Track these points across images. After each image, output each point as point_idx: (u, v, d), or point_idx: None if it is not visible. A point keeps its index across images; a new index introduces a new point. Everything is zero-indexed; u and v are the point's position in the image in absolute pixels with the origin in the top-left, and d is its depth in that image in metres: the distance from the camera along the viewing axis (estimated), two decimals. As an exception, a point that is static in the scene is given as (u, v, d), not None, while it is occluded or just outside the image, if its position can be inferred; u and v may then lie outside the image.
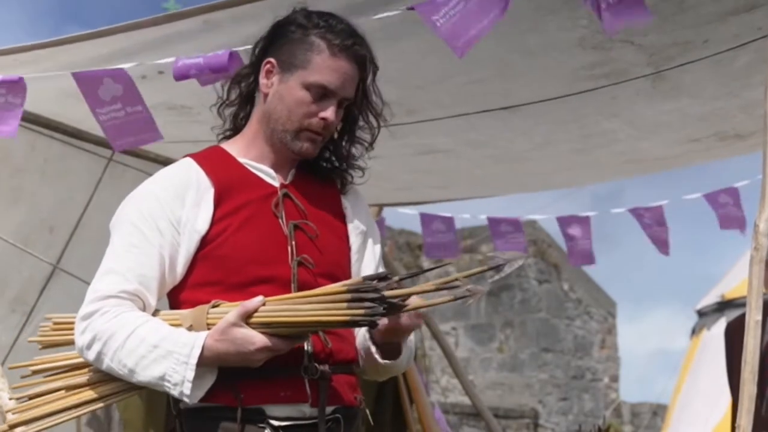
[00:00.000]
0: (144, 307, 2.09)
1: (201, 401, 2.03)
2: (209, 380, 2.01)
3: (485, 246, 12.55)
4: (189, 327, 2.03)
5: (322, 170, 2.27)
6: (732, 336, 4.48)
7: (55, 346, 2.22)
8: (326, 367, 2.09)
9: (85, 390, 2.13)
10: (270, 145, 2.20)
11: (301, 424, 2.06)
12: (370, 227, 2.34)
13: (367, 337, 2.18)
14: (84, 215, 4.33)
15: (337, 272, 2.20)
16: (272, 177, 2.19)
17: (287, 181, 2.21)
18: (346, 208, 2.29)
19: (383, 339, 2.15)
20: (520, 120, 3.82)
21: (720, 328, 5.80)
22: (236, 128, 2.27)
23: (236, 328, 1.97)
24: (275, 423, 2.04)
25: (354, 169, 2.27)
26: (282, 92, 2.14)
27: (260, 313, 1.98)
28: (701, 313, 8.23)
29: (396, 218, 5.99)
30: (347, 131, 2.24)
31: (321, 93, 2.12)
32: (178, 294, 2.13)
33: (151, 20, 3.07)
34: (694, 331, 8.28)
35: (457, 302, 1.99)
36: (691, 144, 4.25)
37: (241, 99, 2.24)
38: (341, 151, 2.25)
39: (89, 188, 4.32)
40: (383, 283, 1.95)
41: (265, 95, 2.17)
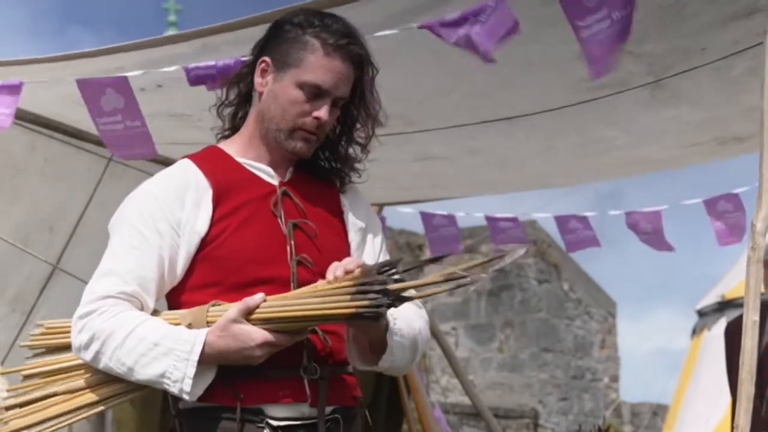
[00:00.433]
0: (141, 309, 2.09)
1: (200, 401, 2.03)
2: (208, 378, 2.01)
3: (485, 246, 12.54)
4: (188, 325, 2.03)
5: (320, 169, 2.26)
6: (731, 336, 4.48)
7: (49, 352, 2.21)
8: (326, 367, 2.09)
9: (82, 394, 2.13)
10: (266, 145, 2.19)
11: (301, 424, 2.06)
12: (370, 223, 2.32)
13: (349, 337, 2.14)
14: (84, 215, 4.34)
15: None
16: (271, 175, 2.19)
17: (285, 180, 2.21)
18: (345, 206, 2.28)
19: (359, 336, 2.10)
20: (520, 129, 3.83)
21: (720, 329, 5.80)
22: (234, 128, 2.27)
23: (237, 324, 1.97)
24: (274, 423, 2.04)
25: (352, 169, 2.27)
26: (276, 91, 2.14)
27: (261, 310, 1.98)
28: (701, 314, 8.22)
29: (396, 218, 6.00)
30: (345, 131, 2.24)
31: (314, 92, 2.11)
32: (178, 296, 2.13)
33: (152, 41, 3.09)
34: (695, 332, 8.28)
35: (458, 300, 1.99)
36: (691, 148, 4.26)
37: (240, 98, 2.24)
38: (338, 151, 2.25)
39: (89, 188, 4.33)
40: (388, 274, 1.93)
41: (260, 94, 2.17)
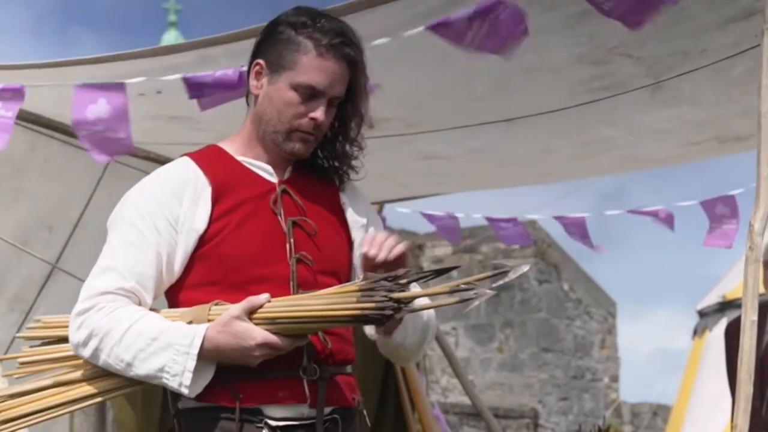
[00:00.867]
0: (140, 305, 2.08)
1: (199, 400, 2.03)
2: (208, 374, 2.01)
3: (485, 246, 12.56)
4: (189, 323, 2.03)
5: (319, 168, 2.26)
6: (731, 337, 4.48)
7: (45, 345, 2.21)
8: (325, 368, 2.09)
9: (78, 386, 2.13)
10: (264, 146, 2.19)
11: (299, 425, 2.06)
12: (371, 218, 2.32)
13: None
14: (83, 215, 4.34)
15: (337, 269, 2.19)
16: (270, 174, 2.19)
17: (285, 178, 2.20)
18: (345, 203, 2.28)
19: None
20: (520, 130, 3.84)
21: (721, 329, 5.79)
22: None
23: (239, 322, 1.96)
24: (273, 423, 2.04)
25: (350, 167, 2.26)
26: (271, 93, 2.14)
27: (265, 309, 1.98)
28: (702, 314, 8.21)
29: (396, 218, 6.00)
30: (341, 129, 2.23)
31: (309, 93, 2.11)
32: (177, 294, 2.13)
33: (150, 51, 3.09)
34: (696, 332, 8.26)
35: (461, 304, 2.00)
36: (691, 146, 4.26)
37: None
38: (336, 150, 2.24)
39: (89, 188, 4.33)
40: (398, 279, 1.93)
41: (256, 97, 2.17)
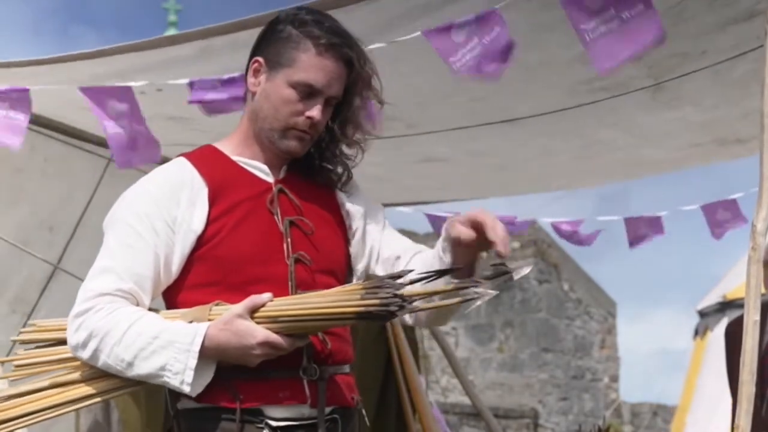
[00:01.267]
0: (138, 306, 2.08)
1: (199, 401, 2.03)
2: (208, 373, 2.00)
3: (485, 246, 12.53)
4: (189, 323, 2.02)
5: (314, 168, 2.26)
6: (731, 337, 4.48)
7: (40, 348, 2.21)
8: (325, 368, 2.09)
9: (76, 387, 2.12)
10: (260, 144, 2.19)
11: (300, 425, 2.06)
12: (369, 207, 2.32)
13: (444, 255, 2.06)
14: (84, 215, 4.34)
15: (334, 267, 2.19)
16: (266, 173, 2.19)
17: (281, 178, 2.20)
18: (341, 200, 2.28)
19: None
20: (520, 132, 3.83)
21: (722, 329, 5.79)
22: None
23: (240, 320, 1.96)
24: (274, 423, 2.04)
25: (346, 168, 2.26)
26: (268, 91, 2.13)
27: (267, 308, 1.98)
28: (702, 314, 8.21)
29: (396, 218, 6.00)
30: (337, 130, 2.22)
31: (307, 91, 2.11)
32: (176, 295, 2.13)
33: (152, 42, 3.09)
34: (698, 332, 8.26)
35: (462, 304, 2.00)
36: (692, 149, 4.26)
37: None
38: (332, 150, 2.24)
39: (89, 188, 4.33)
40: (400, 276, 1.92)
41: (253, 94, 2.17)
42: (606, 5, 2.42)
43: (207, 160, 2.17)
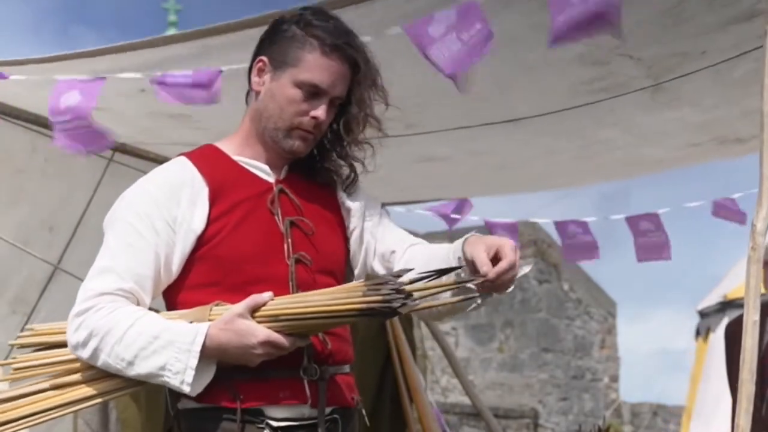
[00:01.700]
0: (137, 306, 2.08)
1: (199, 401, 2.03)
2: (209, 373, 2.00)
3: (485, 246, 12.53)
4: (190, 323, 2.02)
5: (315, 168, 2.26)
6: (731, 337, 4.49)
7: (39, 351, 2.21)
8: (325, 368, 2.09)
9: (73, 389, 2.12)
10: (262, 144, 2.19)
11: (300, 425, 2.06)
12: (368, 204, 2.32)
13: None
14: (84, 215, 4.33)
15: (334, 268, 2.20)
16: (267, 173, 2.19)
17: (281, 178, 2.21)
18: (342, 200, 2.28)
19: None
20: (521, 132, 3.83)
21: (723, 329, 5.79)
22: None
23: (241, 319, 1.96)
24: (274, 423, 2.04)
25: (353, 169, 2.26)
26: (273, 90, 2.14)
27: (268, 307, 1.97)
28: (703, 314, 8.21)
29: (396, 218, 6.00)
30: (340, 131, 2.22)
31: (312, 91, 2.11)
32: (176, 295, 2.13)
33: (152, 41, 3.09)
34: (699, 333, 8.25)
35: (463, 304, 2.00)
36: (691, 148, 4.26)
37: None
38: (334, 151, 2.24)
39: (89, 188, 4.33)
40: (401, 275, 1.93)
41: (257, 93, 2.17)
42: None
43: (208, 160, 2.17)
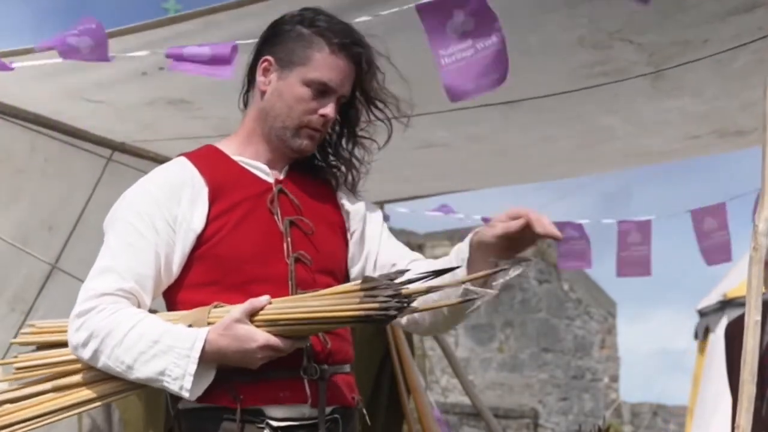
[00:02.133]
0: (138, 306, 2.08)
1: (200, 401, 2.02)
2: (208, 377, 2.00)
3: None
4: (189, 326, 2.02)
5: (316, 168, 2.27)
6: (732, 336, 4.47)
7: (40, 349, 2.20)
8: (325, 368, 2.09)
9: (77, 391, 2.12)
10: (266, 143, 2.20)
11: (301, 425, 2.06)
12: (369, 210, 2.32)
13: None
14: (83, 215, 4.33)
15: (334, 268, 2.20)
16: (266, 173, 2.19)
17: (281, 178, 2.21)
18: (342, 201, 2.29)
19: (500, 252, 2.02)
20: (520, 115, 3.82)
21: (722, 329, 5.77)
22: None
23: (240, 324, 1.96)
24: (274, 423, 2.04)
25: (349, 169, 2.27)
26: (281, 89, 2.14)
27: (266, 311, 1.97)
28: (702, 313, 8.19)
29: (396, 218, 6.00)
30: (342, 131, 2.24)
31: (321, 90, 2.13)
32: (175, 294, 2.13)
33: (156, 23, 3.08)
34: (698, 332, 8.24)
35: (464, 309, 2.00)
36: (691, 140, 4.26)
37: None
38: (336, 151, 2.25)
39: (89, 188, 4.33)
40: (397, 277, 1.92)
41: (263, 92, 2.18)
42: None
43: (208, 160, 2.18)
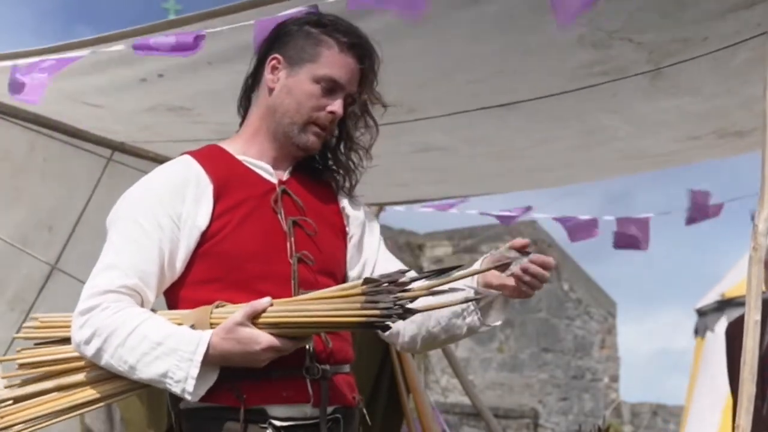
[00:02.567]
0: (142, 303, 2.08)
1: (202, 401, 2.02)
2: (211, 379, 2.00)
3: (485, 246, 12.56)
4: (191, 326, 2.02)
5: (317, 170, 2.27)
6: (733, 336, 4.47)
7: (42, 344, 2.20)
8: (327, 367, 2.09)
9: (81, 390, 2.12)
10: (272, 141, 2.21)
11: (303, 424, 2.06)
12: (369, 218, 2.34)
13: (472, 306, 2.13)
14: (83, 215, 4.33)
15: (335, 269, 2.21)
16: (270, 173, 2.20)
17: (285, 178, 2.21)
18: (343, 204, 2.30)
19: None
20: (519, 117, 3.82)
21: (721, 328, 5.77)
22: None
23: (242, 328, 1.96)
24: (277, 423, 2.04)
25: (350, 171, 2.27)
26: (290, 86, 2.16)
27: (268, 314, 1.97)
28: (701, 313, 8.20)
29: (396, 218, 6.00)
30: (343, 133, 2.25)
31: (330, 87, 2.15)
32: (178, 291, 2.13)
33: (153, 27, 3.08)
34: (697, 332, 8.25)
35: (464, 305, 2.01)
36: (691, 141, 4.25)
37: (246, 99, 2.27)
38: (336, 153, 2.26)
39: (88, 188, 4.32)
40: (400, 278, 1.92)
41: (271, 90, 2.19)
42: None
43: (212, 159, 2.18)
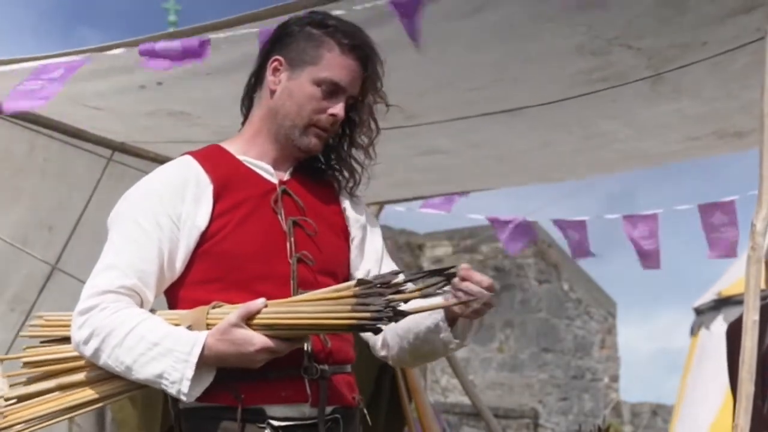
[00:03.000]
0: (141, 303, 2.09)
1: (200, 401, 2.03)
2: (207, 380, 2.01)
3: (485, 246, 12.57)
4: (188, 327, 2.03)
5: (319, 171, 2.28)
6: (733, 337, 4.47)
7: (47, 343, 2.20)
8: (326, 367, 2.09)
9: (81, 390, 2.12)
10: (273, 143, 2.21)
11: (301, 424, 2.06)
12: (370, 221, 2.34)
13: (442, 319, 2.11)
14: (83, 215, 4.33)
15: (336, 269, 2.20)
16: (271, 174, 2.20)
17: (285, 179, 2.22)
18: (344, 205, 2.30)
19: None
20: (520, 123, 3.83)
21: (717, 326, 5.77)
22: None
23: (237, 329, 1.96)
24: (275, 423, 2.04)
25: (351, 172, 2.27)
26: (292, 88, 2.16)
27: (262, 315, 1.98)
28: (699, 311, 8.20)
29: (397, 217, 6.00)
30: (345, 134, 2.25)
31: (331, 89, 2.14)
32: (177, 291, 2.13)
33: (151, 38, 3.09)
34: (693, 330, 8.25)
35: (460, 307, 2.01)
36: (690, 142, 4.26)
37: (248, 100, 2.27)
38: (338, 154, 2.26)
39: (89, 188, 4.33)
40: (391, 280, 1.93)
41: (272, 92, 2.19)
42: None
43: (212, 159, 2.19)
